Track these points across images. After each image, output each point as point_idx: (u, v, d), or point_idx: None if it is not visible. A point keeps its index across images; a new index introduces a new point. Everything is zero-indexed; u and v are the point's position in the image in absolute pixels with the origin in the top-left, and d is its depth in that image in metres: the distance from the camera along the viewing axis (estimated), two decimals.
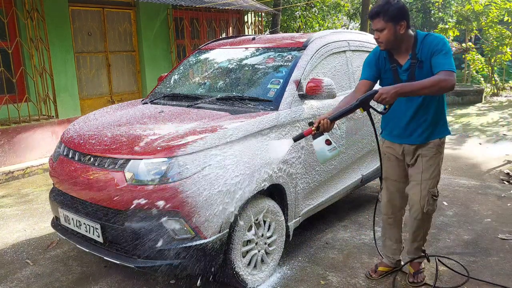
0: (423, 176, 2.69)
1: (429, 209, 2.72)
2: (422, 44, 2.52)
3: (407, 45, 2.57)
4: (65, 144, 3.00)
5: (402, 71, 2.61)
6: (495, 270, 3.04)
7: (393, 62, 2.64)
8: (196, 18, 9.48)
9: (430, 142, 2.67)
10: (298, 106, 3.08)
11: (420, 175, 2.70)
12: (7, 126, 5.79)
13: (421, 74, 2.53)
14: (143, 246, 2.46)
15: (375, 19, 2.52)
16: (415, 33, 2.57)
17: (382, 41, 2.54)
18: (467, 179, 5.14)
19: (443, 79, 2.35)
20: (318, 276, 3.02)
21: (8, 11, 6.03)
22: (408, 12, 2.53)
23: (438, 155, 2.70)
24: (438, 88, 2.37)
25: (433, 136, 2.67)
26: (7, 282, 3.06)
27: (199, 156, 2.48)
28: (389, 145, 2.84)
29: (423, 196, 2.69)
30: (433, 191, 2.71)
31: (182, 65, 4.08)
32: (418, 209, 2.71)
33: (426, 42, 2.51)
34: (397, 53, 2.62)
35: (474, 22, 12.30)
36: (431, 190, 2.69)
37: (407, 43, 2.56)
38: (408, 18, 2.52)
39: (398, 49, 2.60)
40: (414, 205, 2.73)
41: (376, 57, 2.72)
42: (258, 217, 2.79)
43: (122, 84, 8.35)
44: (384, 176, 2.93)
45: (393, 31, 2.49)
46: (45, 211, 4.37)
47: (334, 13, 18.80)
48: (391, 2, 2.49)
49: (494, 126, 8.36)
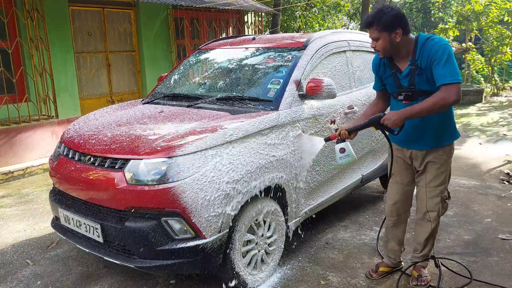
0: (435, 183, 2.68)
1: (443, 212, 2.75)
2: (422, 49, 2.46)
3: (407, 51, 2.53)
4: (65, 144, 3.00)
5: (402, 77, 2.59)
6: (496, 270, 3.04)
7: (393, 68, 2.62)
8: (196, 18, 9.48)
9: (440, 149, 2.63)
10: (298, 106, 3.08)
11: (431, 182, 2.68)
12: (7, 126, 5.79)
13: (420, 81, 2.51)
14: (143, 246, 2.46)
15: (370, 28, 2.50)
16: (416, 36, 2.53)
17: (379, 50, 2.53)
18: (467, 179, 5.14)
19: (442, 97, 2.34)
20: (318, 276, 3.02)
21: (8, 11, 6.03)
22: (403, 18, 2.47)
23: (448, 161, 2.67)
24: (439, 107, 2.37)
25: (443, 142, 2.62)
26: (7, 282, 3.06)
27: (199, 156, 2.48)
28: (398, 148, 2.81)
29: (437, 202, 2.70)
30: (444, 195, 2.72)
31: (182, 65, 4.08)
32: (434, 215, 2.72)
33: (426, 48, 2.45)
34: (397, 59, 2.60)
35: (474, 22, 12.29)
36: (443, 195, 2.70)
37: (406, 48, 2.52)
38: (403, 25, 2.46)
39: (398, 55, 2.57)
40: (429, 212, 2.73)
41: (377, 64, 2.73)
42: (258, 217, 2.79)
43: (122, 84, 8.35)
44: (391, 177, 2.92)
45: (388, 39, 2.47)
46: (45, 211, 4.37)
47: (334, 13, 18.80)
48: (384, 10, 2.45)
49: (494, 126, 8.36)
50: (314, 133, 3.19)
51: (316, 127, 3.21)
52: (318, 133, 3.22)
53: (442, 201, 2.71)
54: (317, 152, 2.98)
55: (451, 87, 2.34)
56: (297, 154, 3.04)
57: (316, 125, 3.21)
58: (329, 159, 3.39)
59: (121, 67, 8.32)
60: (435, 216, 2.73)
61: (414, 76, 2.52)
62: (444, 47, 2.40)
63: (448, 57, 2.38)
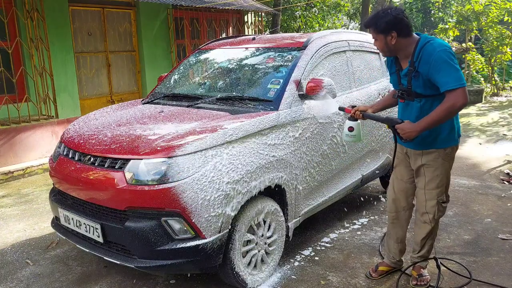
0: (431, 186, 2.68)
1: (439, 215, 2.75)
2: (421, 53, 2.48)
3: (407, 52, 2.57)
4: (65, 144, 3.00)
5: (402, 75, 2.64)
6: (495, 270, 3.04)
7: (397, 66, 2.69)
8: (196, 18, 9.48)
9: (434, 152, 2.62)
10: (298, 106, 3.08)
11: (427, 184, 2.69)
12: (7, 126, 5.79)
13: (416, 83, 2.54)
14: (143, 246, 2.46)
15: (369, 29, 2.61)
16: (418, 38, 2.54)
17: (379, 49, 2.65)
18: (467, 179, 5.14)
19: (451, 104, 2.38)
20: (318, 276, 3.02)
21: (8, 11, 6.03)
22: (400, 22, 2.49)
23: (445, 164, 2.66)
24: (450, 114, 2.42)
25: (437, 145, 2.61)
26: (7, 282, 3.06)
27: (199, 156, 2.48)
28: (398, 144, 2.85)
29: (433, 205, 2.71)
30: (441, 198, 2.71)
31: (182, 65, 4.08)
32: (430, 217, 2.73)
33: (424, 53, 2.46)
34: (400, 58, 2.66)
35: (474, 22, 12.29)
36: (439, 198, 2.70)
37: (405, 51, 2.57)
38: (399, 28, 2.49)
39: (399, 55, 2.63)
40: (426, 213, 2.74)
41: (389, 60, 2.79)
42: (258, 217, 2.79)
43: (122, 84, 8.35)
44: (393, 171, 2.94)
45: (384, 42, 2.56)
46: (45, 211, 4.37)
47: (334, 13, 18.80)
48: (380, 14, 2.52)
49: (494, 126, 8.36)
50: (314, 133, 3.19)
51: (316, 127, 3.21)
52: (318, 133, 3.23)
53: (438, 204, 2.71)
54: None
55: (457, 92, 2.36)
56: (297, 154, 3.04)
57: (316, 125, 3.21)
58: (329, 159, 3.39)
59: (121, 67, 8.32)
60: (431, 218, 2.73)
61: (411, 78, 2.55)
62: (442, 54, 2.40)
63: (448, 63, 2.38)
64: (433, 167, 2.65)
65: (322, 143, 3.28)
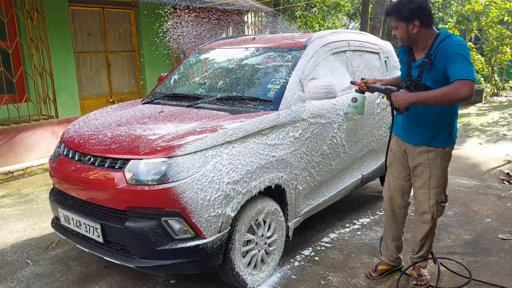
0: (429, 185, 2.68)
1: (438, 215, 2.75)
2: (439, 46, 2.46)
3: (425, 44, 2.54)
4: (65, 144, 3.00)
5: (415, 66, 2.61)
6: (495, 270, 3.04)
7: (410, 56, 2.66)
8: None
9: (433, 151, 2.62)
10: (298, 106, 3.08)
11: (426, 184, 2.68)
12: (7, 126, 5.79)
13: (428, 76, 2.51)
14: (143, 246, 2.46)
15: (390, 16, 2.56)
16: (437, 32, 2.52)
17: (398, 38, 2.59)
18: (467, 179, 5.14)
19: (454, 89, 2.32)
20: (318, 276, 3.02)
21: (8, 11, 6.03)
22: (424, 11, 2.47)
23: (443, 164, 2.66)
24: (449, 99, 2.35)
25: (436, 142, 2.61)
26: (7, 282, 3.06)
27: (199, 156, 2.48)
28: (396, 141, 2.84)
29: (431, 204, 2.70)
30: (440, 198, 2.71)
31: (182, 65, 4.08)
32: (428, 217, 2.73)
33: (443, 46, 2.45)
34: (415, 49, 2.63)
35: (474, 22, 12.30)
36: (438, 198, 2.70)
37: (424, 42, 2.54)
38: (423, 17, 2.46)
39: (416, 46, 2.60)
40: (424, 213, 2.74)
41: (400, 50, 2.77)
42: (258, 217, 2.79)
43: (122, 84, 8.35)
44: (388, 171, 2.94)
45: (405, 30, 2.51)
46: (45, 211, 4.37)
47: (334, 13, 18.79)
48: (404, 2, 2.47)
49: (494, 126, 8.36)
50: (314, 133, 3.19)
51: (316, 127, 3.21)
52: (318, 133, 3.23)
53: (437, 204, 2.71)
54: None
55: (465, 82, 2.32)
56: (297, 154, 3.04)
57: (316, 125, 3.21)
58: (329, 159, 3.39)
59: (121, 67, 8.32)
60: (429, 218, 2.73)
61: (424, 69, 2.53)
62: (461, 47, 2.41)
63: (464, 56, 2.38)
64: (431, 166, 2.65)
65: (322, 143, 3.28)
